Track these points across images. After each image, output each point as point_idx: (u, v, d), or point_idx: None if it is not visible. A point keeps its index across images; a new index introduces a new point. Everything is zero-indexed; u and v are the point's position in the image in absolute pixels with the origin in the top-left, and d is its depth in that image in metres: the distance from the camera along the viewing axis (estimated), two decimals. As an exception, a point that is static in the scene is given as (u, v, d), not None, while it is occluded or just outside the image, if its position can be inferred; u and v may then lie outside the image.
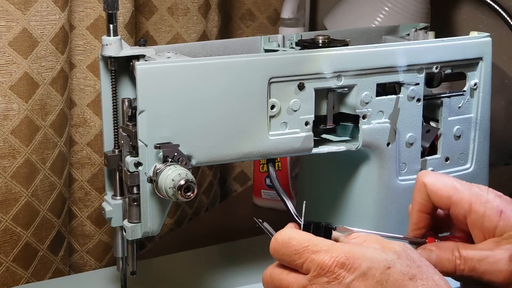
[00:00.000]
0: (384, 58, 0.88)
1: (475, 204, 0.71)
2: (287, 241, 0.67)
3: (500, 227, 0.70)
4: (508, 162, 1.40)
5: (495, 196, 0.71)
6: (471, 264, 0.70)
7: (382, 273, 0.64)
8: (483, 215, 0.70)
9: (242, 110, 0.82)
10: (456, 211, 0.72)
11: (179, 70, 0.79)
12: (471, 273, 0.70)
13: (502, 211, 0.70)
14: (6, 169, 0.95)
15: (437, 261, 0.71)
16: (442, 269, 0.70)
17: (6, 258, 0.97)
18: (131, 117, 0.80)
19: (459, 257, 0.70)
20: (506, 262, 0.69)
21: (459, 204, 0.71)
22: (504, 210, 0.70)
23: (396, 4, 1.30)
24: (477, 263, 0.70)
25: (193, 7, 1.21)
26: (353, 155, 0.89)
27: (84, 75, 1.05)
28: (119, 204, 0.83)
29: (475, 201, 0.71)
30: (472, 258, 0.70)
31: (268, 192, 1.29)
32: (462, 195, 0.71)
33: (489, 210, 0.70)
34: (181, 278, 0.97)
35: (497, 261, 0.69)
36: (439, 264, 0.71)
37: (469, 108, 0.95)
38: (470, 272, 0.70)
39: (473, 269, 0.70)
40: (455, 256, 0.70)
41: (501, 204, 0.71)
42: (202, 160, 0.81)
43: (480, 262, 0.69)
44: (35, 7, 0.94)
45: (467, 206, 0.71)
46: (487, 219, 0.70)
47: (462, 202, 0.71)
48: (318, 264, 0.65)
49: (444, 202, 0.72)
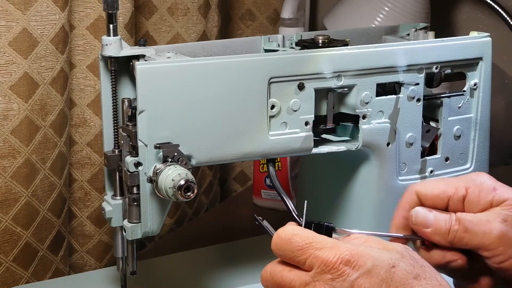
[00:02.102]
0: (384, 58, 0.88)
1: (471, 187, 0.74)
2: (291, 237, 0.67)
3: (494, 201, 0.73)
4: (508, 162, 1.40)
5: (489, 177, 0.75)
6: (464, 224, 0.72)
7: (387, 271, 0.64)
8: (478, 194, 0.73)
9: (242, 110, 0.82)
10: (454, 200, 0.74)
11: (179, 70, 0.79)
12: (464, 233, 0.72)
13: (495, 187, 0.74)
14: (6, 169, 0.95)
15: (434, 220, 0.73)
16: (438, 229, 0.73)
17: (6, 258, 0.97)
18: (131, 117, 0.80)
19: (454, 218, 0.72)
20: (498, 223, 0.71)
21: (456, 193, 0.74)
22: (497, 187, 0.74)
23: (396, 4, 1.30)
24: (470, 223, 0.72)
25: (193, 7, 1.21)
26: (353, 155, 0.89)
27: (84, 75, 1.05)
28: (119, 204, 0.83)
29: (470, 185, 0.74)
30: (466, 218, 0.72)
31: (268, 192, 1.29)
32: (457, 185, 0.74)
33: (484, 189, 0.74)
34: (181, 278, 0.97)
35: (489, 222, 0.72)
36: (435, 223, 0.73)
37: (469, 108, 0.95)
38: (463, 232, 0.72)
39: (466, 230, 0.72)
40: (452, 218, 0.73)
41: (494, 183, 0.74)
42: (202, 160, 0.81)
43: (473, 223, 0.72)
44: (35, 7, 0.94)
45: (464, 191, 0.74)
46: (482, 197, 0.73)
47: (458, 190, 0.74)
48: (322, 260, 0.65)
49: (441, 198, 0.74)
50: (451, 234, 0.72)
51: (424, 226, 0.73)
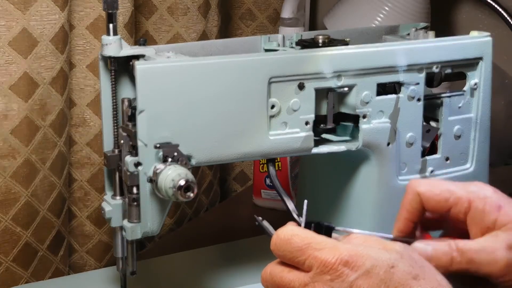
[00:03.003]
0: (384, 58, 0.88)
1: (474, 201, 0.70)
2: (290, 237, 0.67)
3: (498, 222, 0.69)
4: (508, 162, 1.40)
5: (493, 192, 0.71)
6: (468, 255, 0.69)
7: (386, 271, 0.64)
8: (482, 211, 0.70)
9: (242, 110, 0.82)
10: (456, 211, 0.71)
11: (179, 70, 0.79)
12: (468, 265, 0.69)
13: (501, 206, 0.70)
14: (6, 169, 0.95)
15: (433, 254, 0.70)
16: (438, 262, 0.69)
17: (6, 258, 0.97)
18: (131, 117, 0.80)
19: (455, 249, 0.69)
20: (503, 251, 0.68)
21: (458, 204, 0.71)
22: (503, 205, 0.70)
23: (396, 4, 1.30)
24: (474, 253, 0.69)
25: (193, 6, 1.21)
26: (353, 155, 0.89)
27: (84, 75, 1.05)
28: (119, 204, 0.83)
29: (474, 198, 0.70)
30: (469, 249, 0.69)
31: (268, 192, 1.29)
32: (460, 195, 0.71)
33: (488, 205, 0.70)
34: (181, 278, 0.97)
35: (494, 251, 0.68)
36: (435, 257, 0.69)
37: (469, 108, 0.95)
38: (468, 264, 0.69)
39: (471, 261, 0.69)
40: (452, 248, 0.69)
41: (499, 199, 0.70)
42: (202, 160, 0.81)
43: (477, 253, 0.69)
44: (35, 7, 0.94)
45: (467, 204, 0.71)
46: (486, 214, 0.70)
47: (461, 201, 0.71)
48: (321, 261, 0.65)
49: (442, 206, 0.71)
50: (454, 266, 0.69)
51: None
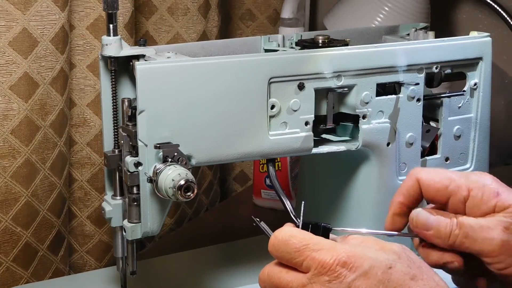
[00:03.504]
0: (384, 58, 0.88)
1: (473, 190, 0.72)
2: (288, 238, 0.67)
3: (497, 207, 0.72)
4: (508, 162, 1.40)
5: (492, 180, 0.73)
6: (465, 230, 0.71)
7: (384, 272, 0.64)
8: (481, 198, 0.72)
9: (242, 110, 0.82)
10: (455, 200, 0.73)
11: (179, 70, 0.79)
12: (463, 239, 0.71)
13: (499, 192, 0.72)
14: (6, 169, 0.95)
15: (435, 223, 0.72)
16: (439, 232, 0.72)
17: (6, 258, 0.97)
18: (131, 117, 0.80)
19: (456, 223, 0.71)
20: (499, 231, 0.70)
21: (457, 192, 0.73)
22: (501, 192, 0.72)
23: (396, 4, 1.30)
24: (471, 229, 0.71)
25: (193, 7, 1.21)
26: (353, 155, 0.89)
27: (84, 75, 1.05)
28: (119, 204, 0.83)
29: (473, 186, 0.72)
30: (467, 223, 0.71)
31: (268, 192, 1.29)
32: (459, 183, 0.73)
33: (486, 193, 0.72)
34: (181, 278, 0.97)
35: (491, 229, 0.70)
36: (436, 227, 0.72)
37: (469, 108, 0.95)
38: (463, 238, 0.71)
39: (466, 235, 0.71)
40: (453, 222, 0.72)
41: (498, 187, 0.72)
42: (202, 160, 0.81)
43: (474, 229, 0.71)
44: (35, 7, 0.94)
45: (466, 192, 0.73)
46: (485, 201, 0.72)
47: (461, 190, 0.73)
48: (319, 262, 0.65)
49: (442, 194, 0.73)
50: (452, 238, 0.72)
51: (425, 228, 0.73)
